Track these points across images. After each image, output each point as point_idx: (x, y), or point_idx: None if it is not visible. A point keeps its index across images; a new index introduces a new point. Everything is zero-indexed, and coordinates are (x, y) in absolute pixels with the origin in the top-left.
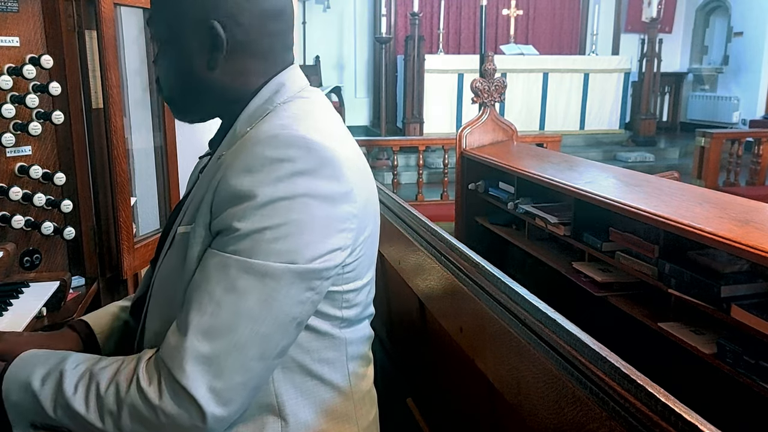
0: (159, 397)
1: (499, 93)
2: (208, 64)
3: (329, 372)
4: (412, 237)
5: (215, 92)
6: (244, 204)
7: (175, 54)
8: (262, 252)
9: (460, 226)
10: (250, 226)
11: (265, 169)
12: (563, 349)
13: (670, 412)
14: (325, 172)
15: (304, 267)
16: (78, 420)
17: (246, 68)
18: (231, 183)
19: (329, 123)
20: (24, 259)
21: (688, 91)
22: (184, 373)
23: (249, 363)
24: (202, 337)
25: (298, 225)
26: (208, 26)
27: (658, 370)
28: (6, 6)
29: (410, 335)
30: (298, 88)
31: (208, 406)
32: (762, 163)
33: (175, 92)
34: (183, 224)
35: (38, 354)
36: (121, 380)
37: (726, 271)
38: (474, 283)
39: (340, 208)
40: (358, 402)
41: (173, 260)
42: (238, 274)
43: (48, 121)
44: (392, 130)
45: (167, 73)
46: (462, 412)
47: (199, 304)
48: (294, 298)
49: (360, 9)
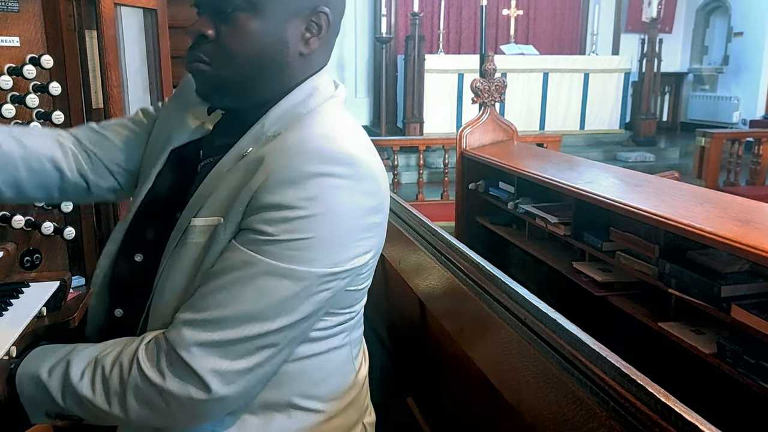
0: (162, 379)
1: (499, 93)
2: (300, 49)
3: (336, 359)
4: (412, 237)
5: (286, 79)
6: (282, 213)
7: (269, 28)
8: (288, 257)
9: (461, 226)
10: (282, 235)
11: (308, 183)
12: (563, 349)
13: (670, 411)
14: (364, 187)
15: (325, 270)
16: (86, 406)
17: (319, 56)
18: (272, 193)
19: (362, 133)
20: (24, 259)
21: (688, 91)
22: (189, 353)
23: (256, 352)
24: (214, 325)
25: (328, 236)
26: (317, 9)
27: (658, 370)
28: (6, 6)
29: (410, 335)
30: (329, 93)
31: (213, 382)
32: (762, 163)
33: (244, 69)
34: (201, 215)
35: (47, 349)
36: (124, 361)
37: (726, 271)
38: (474, 283)
39: (370, 219)
40: (362, 384)
41: (190, 251)
42: (260, 275)
43: (48, 121)
44: (392, 130)
45: (246, 45)
46: (462, 412)
47: (215, 294)
48: (311, 298)
49: (360, 9)
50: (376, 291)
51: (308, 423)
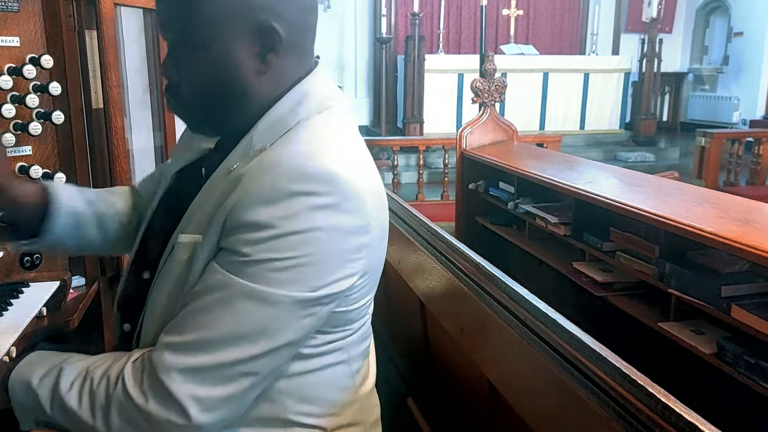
0: (145, 400)
1: (499, 93)
2: (258, 69)
3: (333, 376)
4: (412, 237)
5: (256, 100)
6: (258, 233)
7: (215, 60)
8: (264, 279)
9: (461, 226)
10: (259, 255)
11: (285, 202)
12: (563, 349)
13: (670, 412)
14: (347, 206)
15: (305, 295)
16: (72, 417)
17: (285, 69)
18: (248, 211)
19: (353, 147)
20: (24, 258)
21: (688, 91)
22: (169, 377)
23: (236, 379)
24: (193, 349)
25: (309, 258)
26: (261, 25)
27: (658, 370)
28: (6, 6)
29: (410, 335)
30: (322, 97)
31: (191, 408)
32: (762, 163)
33: (204, 102)
34: (187, 232)
35: (42, 355)
36: (111, 376)
37: (726, 271)
38: (474, 283)
39: (355, 240)
40: (363, 402)
41: (176, 268)
42: (238, 297)
43: (48, 121)
44: (392, 130)
45: (199, 80)
46: (462, 412)
47: (195, 316)
48: (290, 324)
49: (360, 9)
50: (377, 291)
51: None
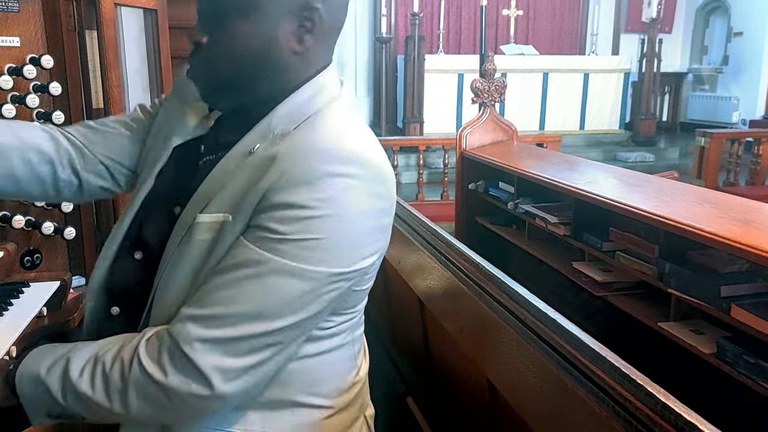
0: (164, 375)
1: (499, 93)
2: (294, 47)
3: (339, 357)
4: (412, 237)
5: (284, 78)
6: (294, 212)
7: (257, 30)
8: (296, 256)
9: (460, 226)
10: (294, 234)
11: (321, 183)
12: (563, 349)
13: (669, 411)
14: (377, 188)
15: (336, 270)
16: (87, 403)
17: (319, 53)
18: (285, 192)
19: (371, 134)
20: (24, 258)
21: (688, 91)
22: (192, 348)
23: (260, 350)
24: (219, 322)
25: (340, 238)
26: (310, 5)
27: (658, 370)
28: (6, 6)
29: (410, 335)
30: (335, 92)
31: (214, 378)
32: (762, 163)
33: (237, 70)
34: (208, 212)
35: (46, 348)
36: (125, 357)
37: (726, 271)
38: (474, 283)
39: (381, 220)
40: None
41: (194, 249)
42: (271, 273)
43: (48, 122)
44: (392, 130)
45: (237, 50)
46: (462, 411)
47: (221, 290)
48: (319, 298)
49: (360, 9)
50: (376, 291)
51: (312, 418)
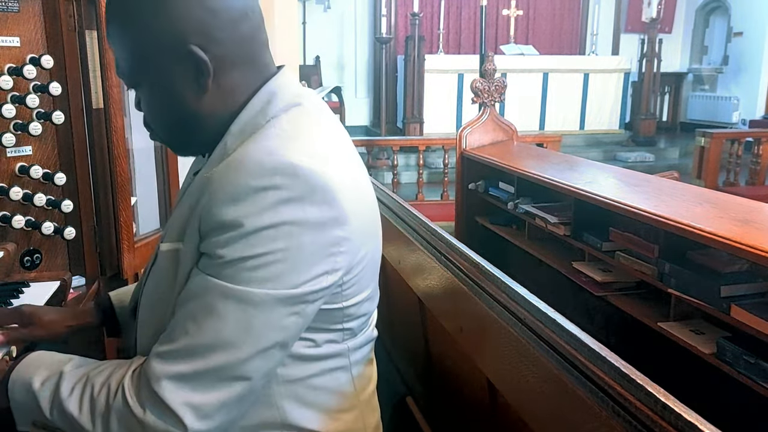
0: (143, 412)
1: (499, 93)
2: (197, 92)
3: (333, 380)
4: (412, 237)
5: (212, 119)
6: (229, 233)
7: (161, 93)
8: (243, 279)
9: (460, 226)
10: (233, 254)
11: (250, 198)
12: (563, 349)
13: (669, 411)
14: (314, 198)
15: (286, 293)
16: (72, 423)
17: (235, 83)
18: (215, 212)
19: (323, 139)
20: (24, 258)
21: (688, 91)
22: (160, 386)
23: (229, 384)
24: (181, 356)
25: (283, 253)
26: (187, 52)
27: (658, 370)
28: (6, 6)
29: (410, 335)
30: (291, 95)
31: (186, 417)
32: (762, 163)
33: (173, 131)
34: (166, 241)
35: (43, 356)
36: (112, 384)
37: (726, 271)
38: (474, 283)
39: (329, 233)
40: (364, 405)
41: (159, 276)
42: (219, 299)
43: (48, 121)
44: (392, 130)
45: (157, 115)
46: (462, 412)
47: (181, 323)
48: (275, 323)
49: (360, 9)
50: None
51: None
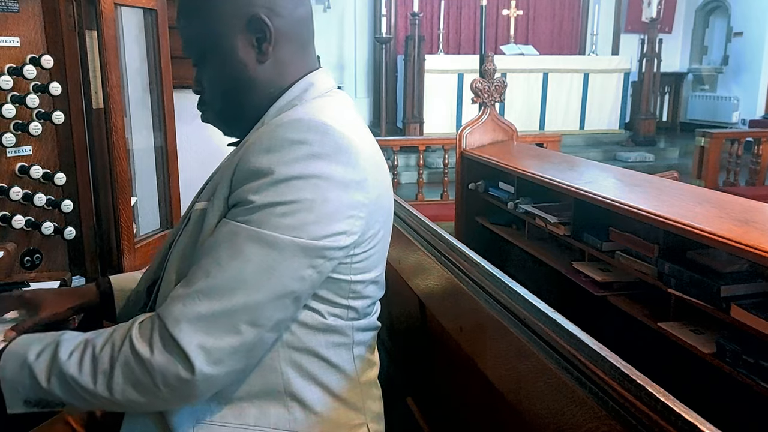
0: (150, 352)
1: (499, 93)
2: (258, 58)
3: (336, 355)
4: (412, 237)
5: (264, 90)
6: (261, 180)
7: (223, 58)
8: (271, 224)
9: (460, 226)
10: (264, 200)
11: (284, 149)
12: (563, 349)
13: (669, 411)
14: (340, 158)
15: (308, 242)
16: (70, 385)
17: (289, 59)
18: (251, 161)
19: (352, 118)
20: (24, 259)
21: (688, 91)
22: (177, 327)
23: (241, 327)
24: (201, 297)
25: (309, 204)
26: (253, 19)
27: (658, 370)
28: (6, 6)
29: (410, 335)
30: (326, 88)
31: (197, 360)
32: (762, 163)
33: (229, 101)
34: (201, 200)
35: (35, 335)
36: (116, 339)
37: (726, 270)
38: (474, 283)
39: (350, 194)
40: (366, 390)
41: (190, 235)
42: (245, 242)
43: (48, 121)
44: (392, 130)
45: (217, 84)
46: (462, 412)
47: (204, 266)
48: (294, 272)
49: (360, 9)
50: None
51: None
